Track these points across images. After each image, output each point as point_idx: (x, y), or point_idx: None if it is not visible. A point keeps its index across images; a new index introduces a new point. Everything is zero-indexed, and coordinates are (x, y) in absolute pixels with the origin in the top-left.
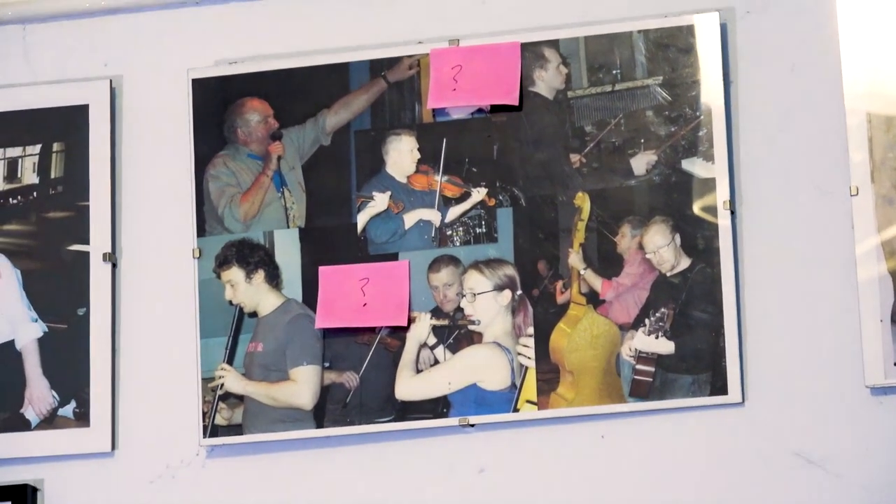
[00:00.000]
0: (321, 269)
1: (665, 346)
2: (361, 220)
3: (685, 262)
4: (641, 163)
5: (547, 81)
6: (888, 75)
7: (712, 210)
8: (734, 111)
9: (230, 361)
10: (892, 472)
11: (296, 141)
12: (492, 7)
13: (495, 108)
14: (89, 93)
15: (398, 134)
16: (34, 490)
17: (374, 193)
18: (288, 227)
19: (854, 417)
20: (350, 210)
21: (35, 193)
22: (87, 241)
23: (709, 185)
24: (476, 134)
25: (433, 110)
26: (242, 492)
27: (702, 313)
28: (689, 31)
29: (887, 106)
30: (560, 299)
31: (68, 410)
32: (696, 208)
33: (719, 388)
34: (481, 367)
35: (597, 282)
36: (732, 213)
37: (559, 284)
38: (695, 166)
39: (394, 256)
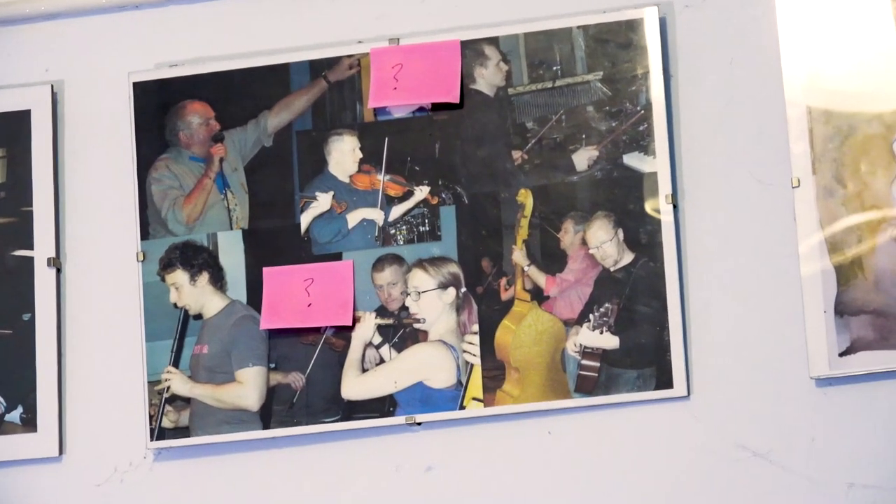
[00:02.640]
0: (265, 270)
1: (610, 341)
2: (305, 220)
3: (628, 257)
4: (583, 158)
5: (487, 79)
6: (827, 68)
7: (654, 204)
8: (675, 105)
9: (176, 364)
10: (838, 463)
11: (238, 142)
12: (431, 5)
13: (436, 107)
14: (31, 98)
15: (340, 134)
16: None
17: (316, 194)
18: (231, 228)
19: (799, 409)
20: (293, 211)
21: None
22: (30, 247)
23: (651, 179)
24: (418, 133)
25: (374, 110)
26: (190, 494)
27: (646, 308)
28: (628, 25)
29: (827, 98)
30: (504, 296)
31: (15, 416)
32: (639, 203)
33: (664, 382)
34: (427, 365)
35: (541, 278)
36: (675, 206)
37: (503, 281)
38: (636, 161)
39: (338, 256)
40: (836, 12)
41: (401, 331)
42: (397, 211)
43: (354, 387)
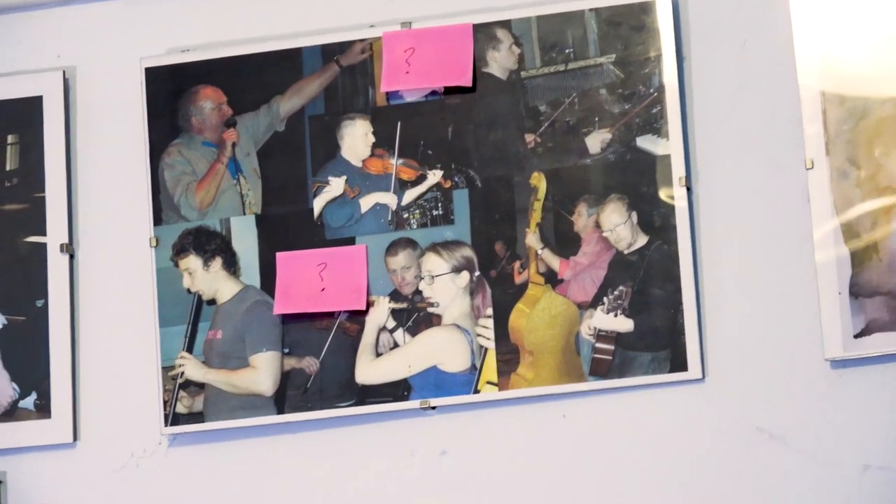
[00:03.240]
0: (278, 255)
1: (624, 324)
2: (318, 205)
3: (642, 240)
4: (596, 141)
5: (500, 62)
6: (840, 50)
7: (668, 187)
8: (687, 88)
9: (190, 349)
10: (853, 444)
11: (250, 128)
12: None
13: (449, 91)
14: (43, 84)
15: (352, 118)
16: None
17: (329, 178)
18: (244, 213)
19: (814, 391)
20: (306, 195)
21: None
22: (43, 233)
23: (664, 162)
24: (430, 116)
25: (387, 94)
26: (205, 479)
27: (660, 290)
28: (641, 8)
29: (840, 80)
30: (518, 280)
31: (29, 402)
32: (652, 186)
33: (679, 364)
34: (441, 349)
35: (554, 261)
36: (688, 189)
37: (517, 265)
38: (649, 144)
39: (351, 241)
40: None
41: (414, 315)
42: (410, 195)
43: (368, 371)
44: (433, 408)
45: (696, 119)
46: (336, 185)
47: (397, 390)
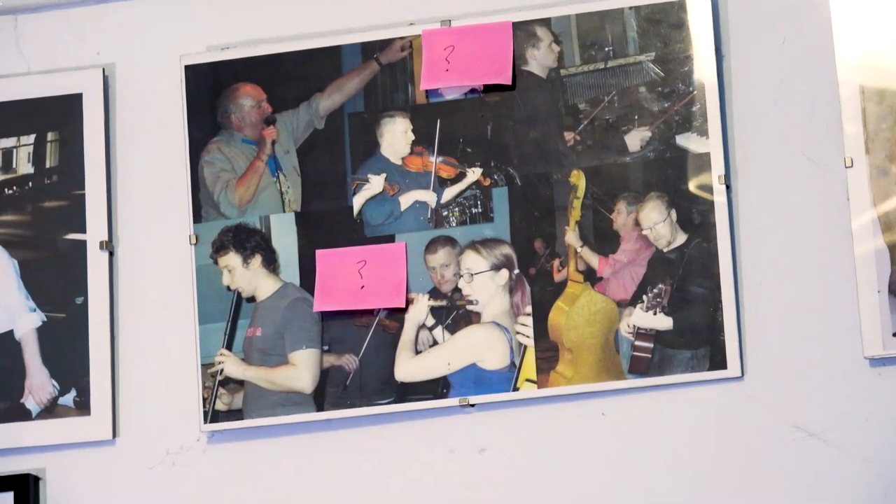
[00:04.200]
0: (318, 252)
1: (663, 322)
2: (357, 202)
3: (681, 238)
4: (636, 139)
5: (539, 60)
6: (880, 47)
7: (707, 185)
8: (727, 85)
9: (229, 347)
10: (892, 442)
11: (289, 125)
12: None
13: (488, 88)
14: (82, 82)
15: (392, 116)
16: (36, 479)
17: (369, 176)
18: (284, 211)
19: (853, 389)
20: (346, 193)
21: (30, 183)
22: (83, 230)
23: (703, 159)
24: (469, 114)
25: (426, 91)
26: (243, 476)
27: (699, 288)
28: (680, 6)
29: (880, 78)
30: (557, 277)
31: (69, 399)
32: (692, 183)
33: (718, 362)
34: (480, 346)
35: (594, 259)
36: (728, 187)
37: (556, 262)
38: (689, 141)
39: (390, 238)
40: None
41: (454, 312)
42: (450, 193)
43: (408, 368)
44: (472, 405)
45: (736, 117)
46: (375, 183)
47: (436, 388)
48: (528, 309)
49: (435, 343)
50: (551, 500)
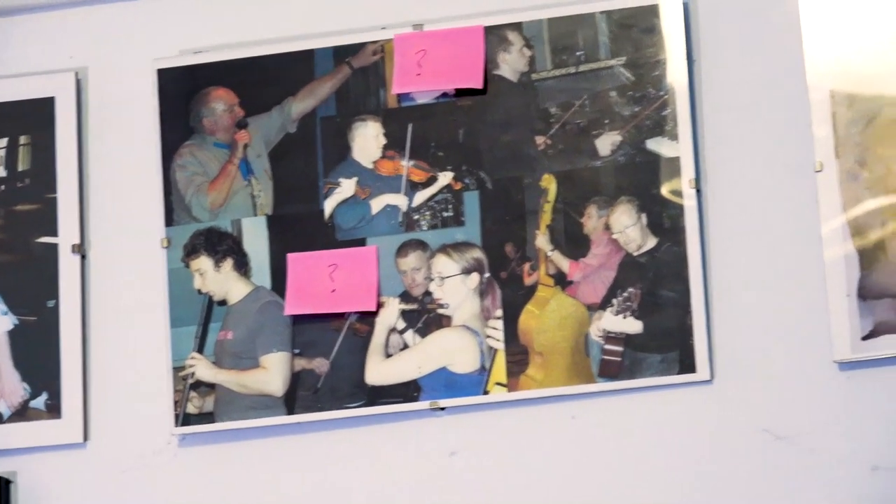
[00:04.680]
0: (289, 255)
1: (633, 326)
2: (329, 206)
3: (652, 242)
4: (606, 143)
5: (511, 64)
6: (850, 52)
7: (678, 189)
8: (698, 90)
9: (200, 350)
10: (861, 446)
11: (262, 129)
12: None
13: (460, 92)
14: (55, 85)
15: (364, 120)
16: (7, 482)
17: (340, 179)
18: (255, 214)
19: (822, 393)
20: (317, 196)
21: (3, 187)
22: (55, 233)
23: (674, 164)
24: (441, 118)
25: (398, 95)
26: (215, 479)
27: (669, 292)
28: (651, 11)
29: (850, 82)
30: (528, 281)
31: (40, 402)
32: (662, 187)
33: (688, 366)
34: (451, 350)
35: (564, 263)
36: (698, 191)
37: (527, 266)
38: (660, 146)
39: (361, 242)
40: None
41: (424, 316)
42: (421, 196)
43: (378, 372)
44: (443, 409)
45: (706, 121)
46: (347, 187)
47: (407, 391)
48: (499, 312)
49: (406, 346)
50: (521, 503)
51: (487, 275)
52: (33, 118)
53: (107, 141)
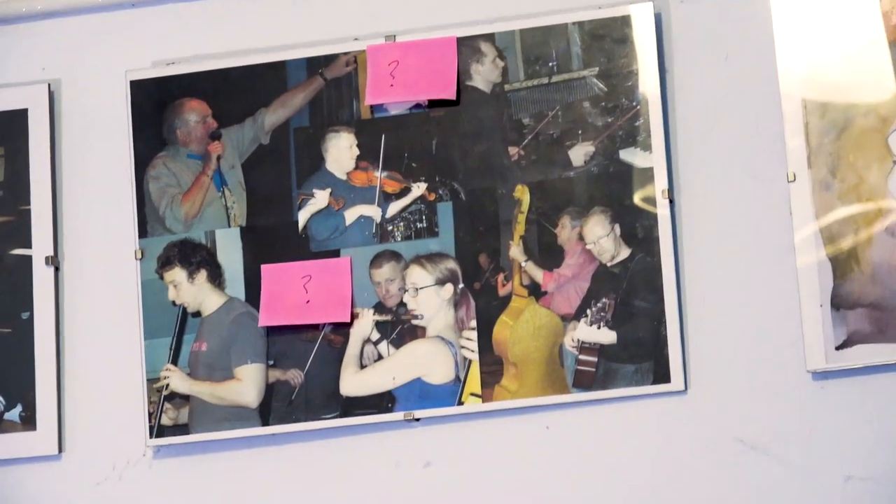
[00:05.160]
0: (263, 267)
1: (607, 336)
2: (302, 217)
3: (625, 252)
4: (579, 154)
5: (484, 75)
6: (823, 61)
7: (651, 199)
8: (670, 100)
9: (175, 361)
10: (835, 455)
11: (235, 140)
12: (427, 2)
13: (433, 103)
14: (28, 97)
15: (337, 131)
16: None
17: (314, 191)
18: (229, 226)
19: (796, 402)
20: (291, 208)
21: None
22: (29, 245)
23: (647, 174)
24: (414, 129)
25: (371, 106)
26: (190, 491)
27: (643, 302)
28: (623, 21)
29: (822, 92)
30: (502, 292)
31: (14, 414)
32: (635, 198)
33: (662, 376)
34: (425, 361)
35: (538, 273)
36: (671, 201)
37: (501, 277)
38: (632, 156)
39: (335, 253)
40: (831, 6)
41: (399, 327)
42: (394, 207)
43: (353, 383)
44: (417, 419)
45: (679, 131)
46: (321, 198)
47: (381, 402)
48: (473, 323)
49: (380, 357)
50: None
51: (461, 285)
52: (6, 130)
53: (80, 152)
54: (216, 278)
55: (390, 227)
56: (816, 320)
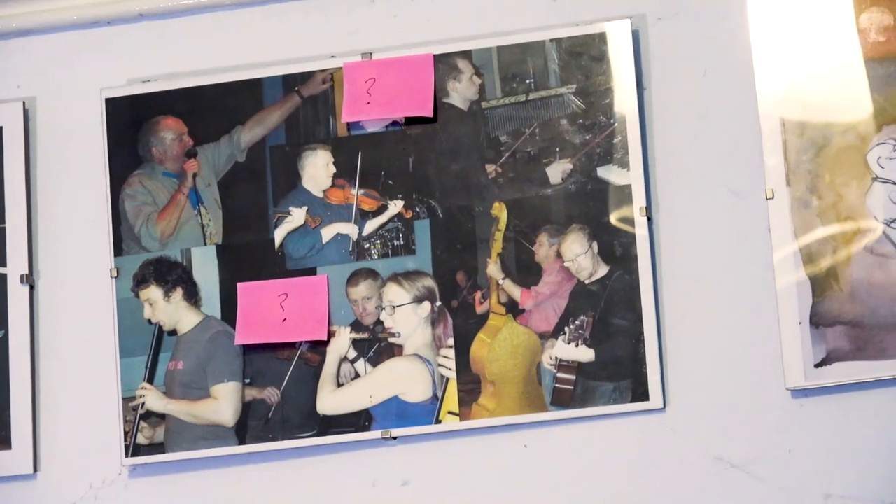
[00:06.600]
0: (240, 285)
1: (585, 354)
2: (279, 235)
3: (603, 270)
4: (557, 171)
5: (461, 92)
6: (801, 80)
7: (629, 217)
8: (648, 118)
9: (151, 380)
10: (814, 473)
11: (211, 158)
12: (404, 20)
13: (410, 121)
14: (2, 115)
15: (313, 148)
16: None
17: (290, 208)
18: (205, 244)
19: (775, 420)
20: (267, 226)
21: None
22: (3, 264)
23: (625, 191)
24: (391, 147)
25: (348, 124)
26: None
27: (621, 320)
28: (601, 38)
29: (801, 110)
30: (479, 310)
31: None
32: (613, 216)
33: (640, 394)
34: (402, 379)
35: (516, 291)
36: (649, 219)
37: (478, 295)
38: (610, 174)
39: (312, 271)
40: (809, 25)
41: (376, 345)
42: (371, 225)
43: (330, 401)
44: (394, 438)
45: (657, 149)
46: (297, 216)
47: (359, 420)
48: (451, 341)
49: (357, 376)
50: None
51: (439, 303)
52: None
53: (55, 170)
54: (192, 297)
55: (367, 245)
56: (795, 338)
